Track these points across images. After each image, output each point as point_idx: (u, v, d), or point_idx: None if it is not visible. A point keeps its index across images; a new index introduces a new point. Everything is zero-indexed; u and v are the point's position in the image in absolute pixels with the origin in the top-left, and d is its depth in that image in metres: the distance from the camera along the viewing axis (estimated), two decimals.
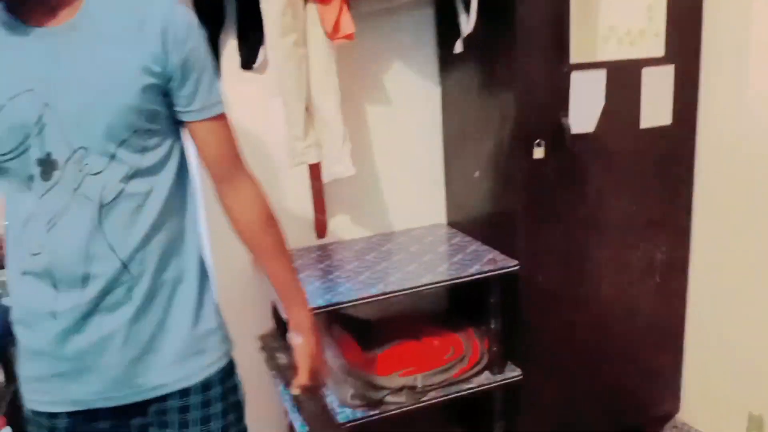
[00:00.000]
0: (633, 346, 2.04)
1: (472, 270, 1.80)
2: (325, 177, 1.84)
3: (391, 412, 1.75)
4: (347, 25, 1.77)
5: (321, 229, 2.07)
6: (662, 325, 2.06)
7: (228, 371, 1.20)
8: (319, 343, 1.26)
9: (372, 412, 1.74)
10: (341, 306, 1.66)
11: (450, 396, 1.81)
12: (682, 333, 2.10)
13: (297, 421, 1.66)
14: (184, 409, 1.15)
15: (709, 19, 1.90)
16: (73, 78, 1.01)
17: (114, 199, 1.05)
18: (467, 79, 1.99)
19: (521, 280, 1.85)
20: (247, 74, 1.94)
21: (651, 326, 2.05)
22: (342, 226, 2.13)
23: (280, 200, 2.02)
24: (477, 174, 2.00)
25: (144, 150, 1.07)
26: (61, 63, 1.01)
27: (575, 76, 1.78)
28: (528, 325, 1.89)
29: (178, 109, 1.12)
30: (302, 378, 1.23)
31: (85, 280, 1.06)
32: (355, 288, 1.72)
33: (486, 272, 1.79)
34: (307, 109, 1.80)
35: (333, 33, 1.77)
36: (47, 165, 1.03)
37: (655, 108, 1.90)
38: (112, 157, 1.04)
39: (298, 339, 1.23)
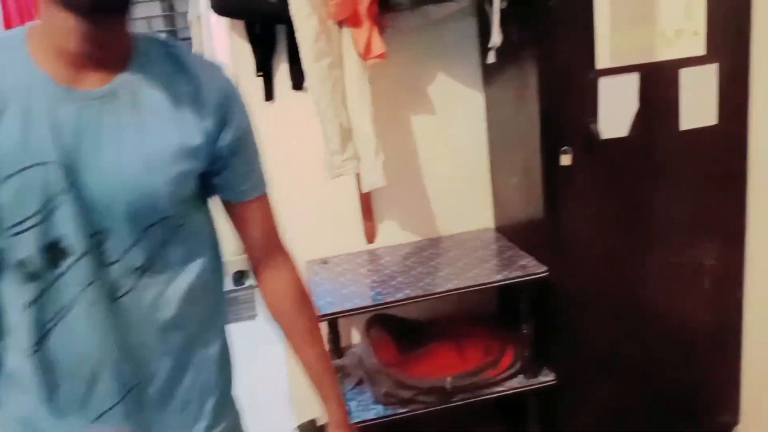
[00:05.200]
0: (682, 355, 1.97)
1: (499, 276, 1.85)
2: (363, 187, 1.97)
3: (419, 411, 1.85)
4: (378, 45, 1.88)
5: (370, 234, 2.20)
6: (715, 333, 1.98)
7: None
8: None
9: (402, 410, 1.85)
10: (359, 311, 1.80)
11: (479, 398, 1.88)
12: (739, 343, 1.99)
13: None
14: None
15: (759, 15, 1.79)
16: (104, 153, 0.88)
17: (129, 291, 0.93)
18: (504, 88, 2.04)
19: (553, 287, 1.86)
20: (298, 94, 2.12)
21: (702, 334, 1.97)
22: (392, 231, 2.24)
23: (331, 207, 2.19)
24: (515, 180, 2.03)
25: (168, 241, 0.95)
26: (92, 135, 0.88)
27: (603, 82, 1.77)
28: (563, 331, 1.91)
29: (226, 189, 1.03)
30: None
31: (91, 384, 0.95)
32: (385, 292, 1.84)
33: (512, 279, 1.84)
34: (344, 125, 1.93)
35: (365, 54, 1.89)
36: (55, 253, 0.89)
37: (698, 108, 1.83)
38: (134, 243, 0.92)
39: None
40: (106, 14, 0.85)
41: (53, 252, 0.89)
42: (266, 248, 1.10)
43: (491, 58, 1.96)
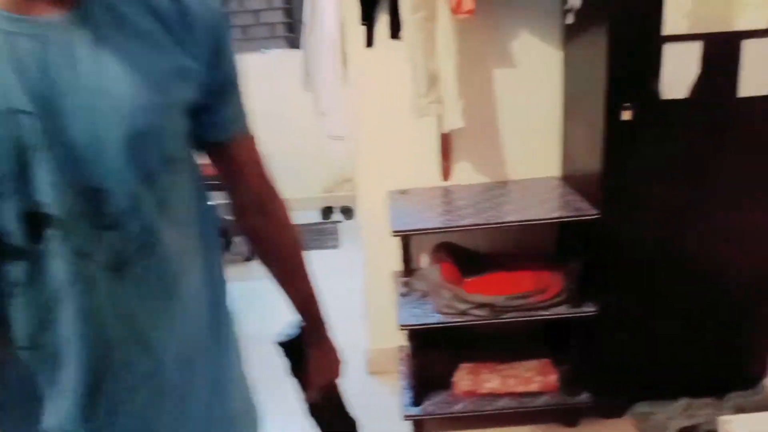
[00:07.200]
0: (721, 305, 2.16)
1: (554, 214, 2.10)
2: (444, 127, 2.25)
3: (472, 323, 2.15)
4: (467, 2, 2.13)
5: (446, 172, 2.49)
6: (756, 287, 2.15)
7: None
8: (336, 357, 1.17)
9: (457, 320, 2.15)
10: (428, 231, 2.10)
11: (524, 318, 2.14)
12: None
13: None
14: None
15: None
16: (83, 91, 0.73)
17: (137, 261, 0.80)
18: (580, 47, 2.24)
19: (604, 228, 2.09)
20: (394, 42, 2.40)
21: (744, 287, 2.16)
22: (466, 172, 2.51)
23: (415, 145, 2.48)
24: (581, 133, 2.25)
25: (171, 187, 0.83)
26: (65, 70, 0.73)
27: (668, 48, 1.95)
28: (609, 269, 2.14)
29: (218, 127, 0.91)
30: (312, 395, 1.16)
31: (98, 380, 0.81)
32: (452, 220, 2.13)
33: (565, 217, 2.08)
34: (431, 72, 2.20)
35: (456, 9, 2.15)
36: (36, 221, 0.74)
37: (757, 78, 1.98)
38: (137, 200, 0.78)
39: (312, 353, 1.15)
40: None
41: (35, 220, 0.74)
42: (266, 189, 1.02)
43: (569, 19, 2.17)
